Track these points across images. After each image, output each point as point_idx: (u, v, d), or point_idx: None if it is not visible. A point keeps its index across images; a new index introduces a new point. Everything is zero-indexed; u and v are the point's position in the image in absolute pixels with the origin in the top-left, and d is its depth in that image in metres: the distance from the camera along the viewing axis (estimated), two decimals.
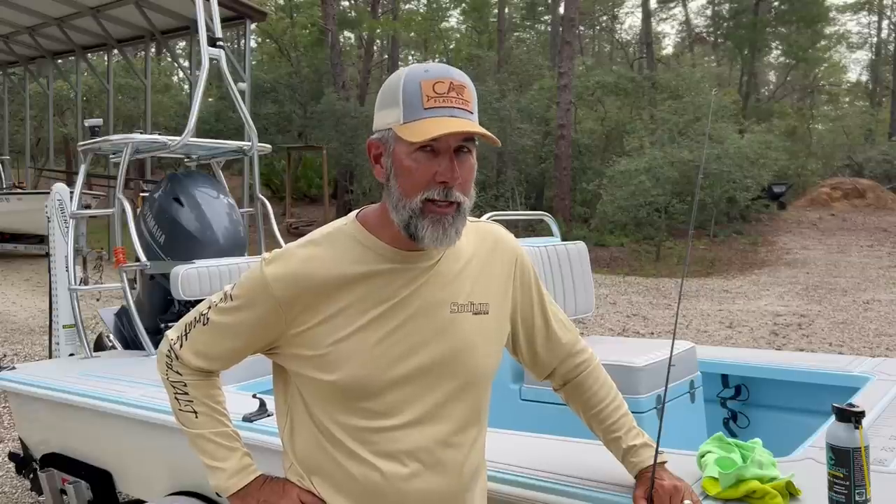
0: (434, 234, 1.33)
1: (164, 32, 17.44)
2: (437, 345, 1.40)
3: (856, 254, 16.19)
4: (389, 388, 1.38)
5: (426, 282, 1.41)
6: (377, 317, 1.38)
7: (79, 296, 4.07)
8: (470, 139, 1.32)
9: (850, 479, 1.47)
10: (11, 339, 8.50)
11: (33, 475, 3.58)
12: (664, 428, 1.57)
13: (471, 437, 1.47)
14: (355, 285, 1.38)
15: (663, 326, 9.22)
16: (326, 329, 1.37)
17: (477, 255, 1.49)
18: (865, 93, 37.00)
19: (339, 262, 1.39)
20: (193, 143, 4.29)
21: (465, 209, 1.36)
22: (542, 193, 21.75)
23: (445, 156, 1.31)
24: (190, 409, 1.52)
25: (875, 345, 7.99)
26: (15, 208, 15.01)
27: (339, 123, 20.99)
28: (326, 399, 1.40)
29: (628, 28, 41.15)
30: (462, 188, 1.33)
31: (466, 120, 1.31)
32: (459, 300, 1.44)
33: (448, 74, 1.33)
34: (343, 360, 1.37)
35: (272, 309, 1.39)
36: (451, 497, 1.44)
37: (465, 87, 1.33)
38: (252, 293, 1.41)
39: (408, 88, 1.31)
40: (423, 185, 1.31)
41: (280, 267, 1.39)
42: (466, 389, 1.44)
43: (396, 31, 28.66)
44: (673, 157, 16.17)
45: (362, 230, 1.42)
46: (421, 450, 1.39)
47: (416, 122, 1.30)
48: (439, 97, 1.30)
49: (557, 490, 1.77)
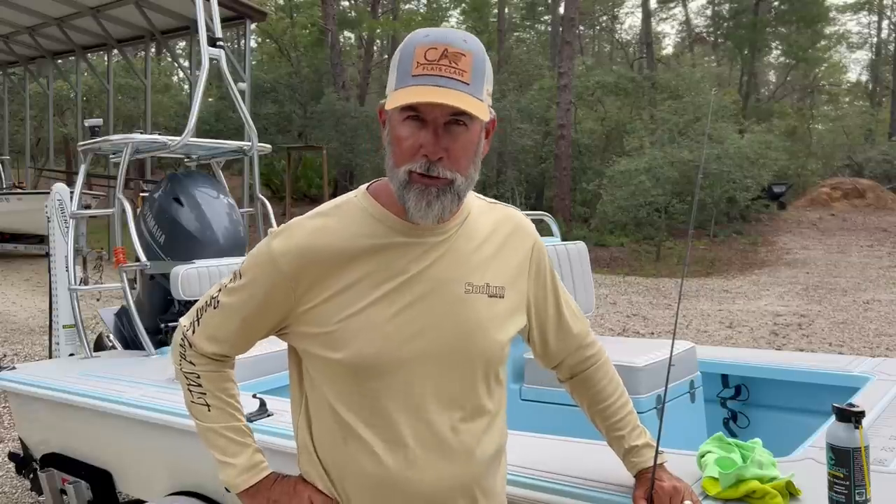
0: (417, 206, 1.27)
1: (164, 32, 17.43)
2: (449, 324, 1.35)
3: (856, 254, 16.19)
4: (399, 367, 1.32)
5: (439, 258, 1.35)
6: (388, 292, 1.32)
7: (79, 296, 4.07)
8: (464, 113, 1.23)
9: (850, 479, 1.47)
10: (11, 339, 8.50)
11: (33, 475, 3.58)
12: (664, 428, 1.57)
13: (482, 423, 1.40)
14: (365, 259, 1.33)
15: (663, 326, 9.22)
16: (335, 305, 1.32)
17: (494, 238, 1.43)
18: (865, 93, 37.00)
19: (349, 234, 1.33)
20: (193, 143, 4.30)
21: (459, 187, 1.29)
22: (542, 193, 21.76)
23: (431, 127, 1.25)
24: (203, 401, 1.48)
25: (875, 345, 7.99)
26: (15, 208, 15.00)
27: (339, 123, 20.99)
28: (335, 380, 1.36)
29: (628, 28, 41.19)
30: (452, 164, 1.26)
31: (453, 90, 1.22)
32: (475, 280, 1.38)
33: (445, 40, 1.24)
34: (351, 337, 1.31)
35: (279, 284, 1.34)
36: (464, 485, 1.38)
37: (464, 56, 1.24)
38: (259, 269, 1.37)
39: (404, 53, 1.26)
40: (408, 156, 1.26)
41: (286, 240, 1.34)
42: (478, 373, 1.39)
43: (396, 31, 28.63)
44: (673, 157, 16.17)
45: (373, 202, 1.37)
46: (431, 435, 1.34)
47: (401, 89, 1.24)
48: (429, 64, 1.22)
49: (558, 490, 1.77)
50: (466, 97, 1.23)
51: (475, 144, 1.31)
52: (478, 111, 1.24)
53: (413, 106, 1.24)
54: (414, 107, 1.24)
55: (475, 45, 1.27)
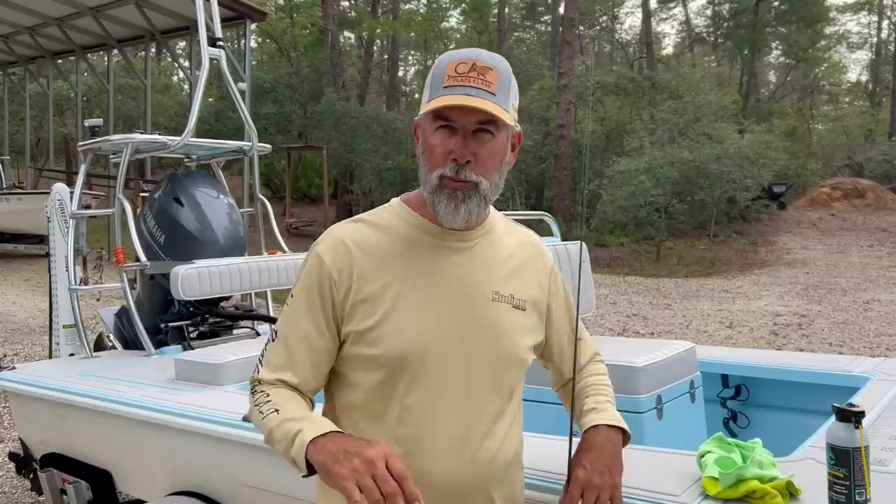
0: (447, 209, 1.36)
1: (164, 32, 17.43)
2: (478, 327, 1.40)
3: (856, 254, 16.20)
4: (429, 365, 1.37)
5: (466, 263, 1.43)
6: (420, 293, 1.38)
7: (79, 296, 4.07)
8: (491, 122, 1.33)
9: (850, 479, 1.47)
10: (11, 339, 8.50)
11: (33, 475, 3.58)
12: (664, 428, 1.57)
13: (503, 426, 1.44)
14: (400, 259, 1.40)
15: (663, 326, 9.22)
16: (374, 302, 1.37)
17: (517, 256, 1.52)
18: (865, 93, 37.01)
19: (386, 235, 1.42)
20: (193, 143, 4.30)
21: (485, 191, 1.37)
22: (542, 193, 21.76)
23: (460, 134, 1.33)
24: (271, 409, 1.36)
25: (875, 345, 7.99)
26: (15, 208, 15.00)
27: (339, 123, 20.97)
28: (366, 381, 1.38)
29: (628, 28, 41.21)
30: (479, 168, 1.35)
31: (481, 99, 1.31)
32: (501, 290, 1.44)
33: (473, 56, 1.35)
34: (389, 334, 1.36)
35: (327, 279, 1.38)
36: (482, 486, 1.41)
37: (491, 70, 1.34)
38: (309, 275, 1.41)
39: (437, 69, 1.37)
40: (439, 162, 1.35)
41: (328, 238, 1.43)
42: (502, 375, 1.44)
43: (396, 31, 28.68)
44: (673, 157, 16.18)
45: (406, 208, 1.46)
46: (454, 434, 1.38)
47: (433, 99, 1.33)
48: (459, 77, 1.33)
49: (557, 490, 1.77)
50: (492, 104, 1.32)
51: (502, 152, 1.39)
52: (503, 116, 1.32)
53: (443, 115, 1.33)
54: (445, 116, 1.33)
55: (502, 62, 1.38)
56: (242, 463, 2.46)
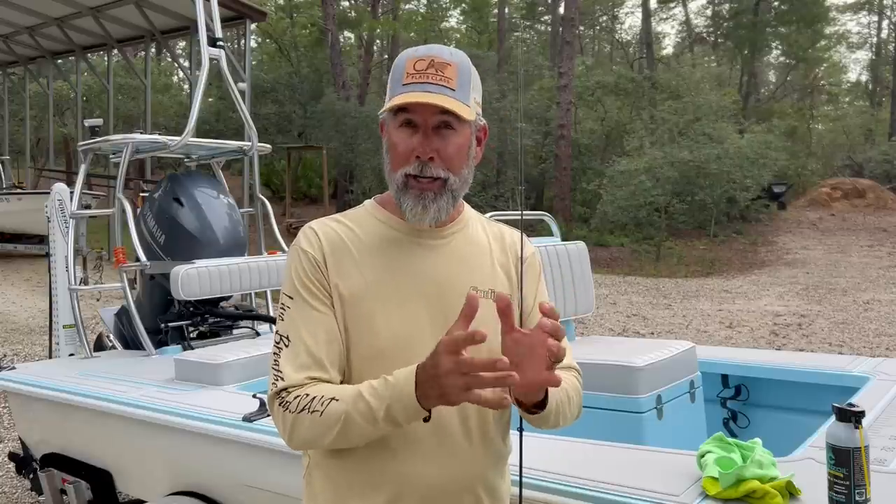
0: (415, 209, 1.36)
1: (164, 32, 17.44)
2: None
3: (856, 254, 16.20)
4: (407, 363, 1.28)
5: (442, 259, 1.42)
6: (395, 290, 1.38)
7: (79, 296, 4.07)
8: (453, 116, 1.33)
9: (850, 479, 1.47)
10: (11, 339, 8.51)
11: (33, 475, 3.59)
12: (664, 428, 1.57)
13: (489, 421, 1.42)
14: (374, 257, 1.40)
15: (663, 326, 9.22)
16: (349, 301, 1.37)
17: (493, 251, 1.50)
18: (865, 93, 37.00)
19: (359, 233, 1.43)
20: (193, 143, 4.30)
21: (452, 186, 1.37)
22: (542, 193, 21.76)
23: (421, 130, 1.34)
24: (326, 401, 1.29)
25: (875, 345, 7.99)
26: (15, 208, 15.00)
27: (339, 123, 20.98)
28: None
29: (628, 28, 41.19)
30: (444, 164, 1.35)
31: (440, 94, 1.32)
32: (479, 285, 1.42)
33: (431, 53, 1.36)
34: (365, 330, 1.36)
35: (313, 264, 1.39)
36: (470, 482, 1.40)
37: (450, 65, 1.35)
38: (296, 269, 1.39)
39: (396, 67, 1.38)
40: (402, 160, 1.36)
41: (306, 232, 1.44)
42: None
43: (396, 31, 28.64)
44: (673, 157, 16.17)
45: (379, 208, 1.47)
46: (440, 431, 1.36)
47: (393, 98, 1.34)
48: (417, 73, 1.34)
49: (558, 490, 1.77)
50: (451, 100, 1.33)
51: (466, 147, 1.39)
52: (462, 111, 1.33)
53: (404, 110, 1.34)
54: (406, 112, 1.34)
55: (461, 57, 1.38)
56: (242, 463, 2.46)
